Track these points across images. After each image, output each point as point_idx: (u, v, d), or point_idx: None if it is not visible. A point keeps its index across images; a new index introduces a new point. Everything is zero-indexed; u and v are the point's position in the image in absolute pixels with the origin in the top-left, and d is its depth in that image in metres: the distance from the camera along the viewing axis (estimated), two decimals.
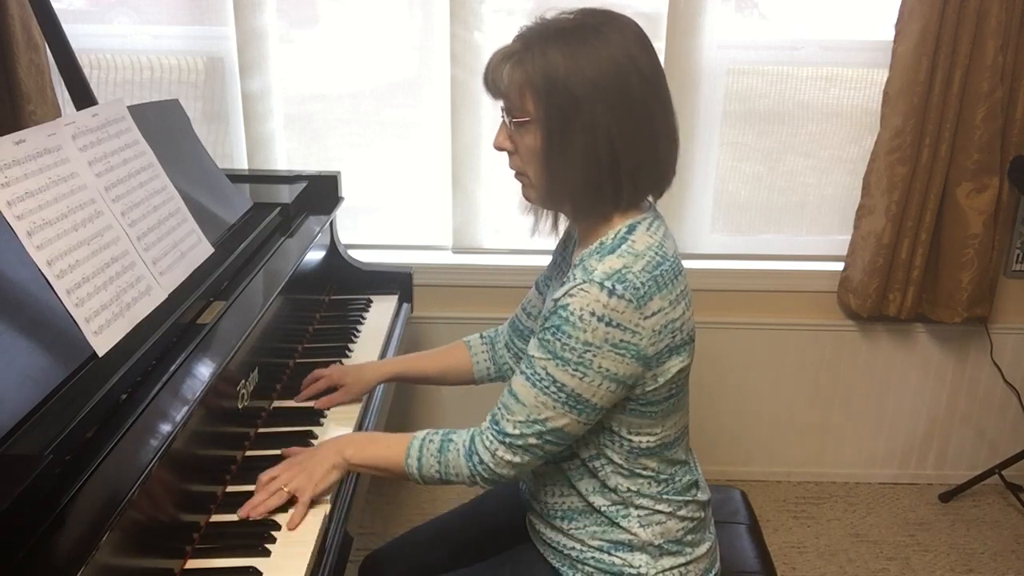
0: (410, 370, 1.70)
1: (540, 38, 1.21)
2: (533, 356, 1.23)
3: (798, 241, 2.63)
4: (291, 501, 1.32)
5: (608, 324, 1.17)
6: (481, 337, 1.67)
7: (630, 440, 1.30)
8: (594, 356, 1.18)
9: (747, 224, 2.62)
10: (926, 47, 2.23)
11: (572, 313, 1.18)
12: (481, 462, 1.27)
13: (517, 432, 1.24)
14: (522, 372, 1.24)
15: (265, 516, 1.30)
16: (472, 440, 1.29)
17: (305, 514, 1.31)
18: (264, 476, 1.35)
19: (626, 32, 1.22)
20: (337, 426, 1.59)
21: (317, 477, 1.33)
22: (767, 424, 2.72)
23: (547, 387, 1.21)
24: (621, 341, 1.18)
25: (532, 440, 1.24)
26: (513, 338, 1.61)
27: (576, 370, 1.19)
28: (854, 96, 2.48)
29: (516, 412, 1.24)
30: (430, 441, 1.33)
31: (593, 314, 1.17)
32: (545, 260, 1.57)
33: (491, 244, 2.59)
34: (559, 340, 1.19)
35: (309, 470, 1.34)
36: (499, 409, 1.27)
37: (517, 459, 1.26)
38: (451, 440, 1.32)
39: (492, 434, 1.27)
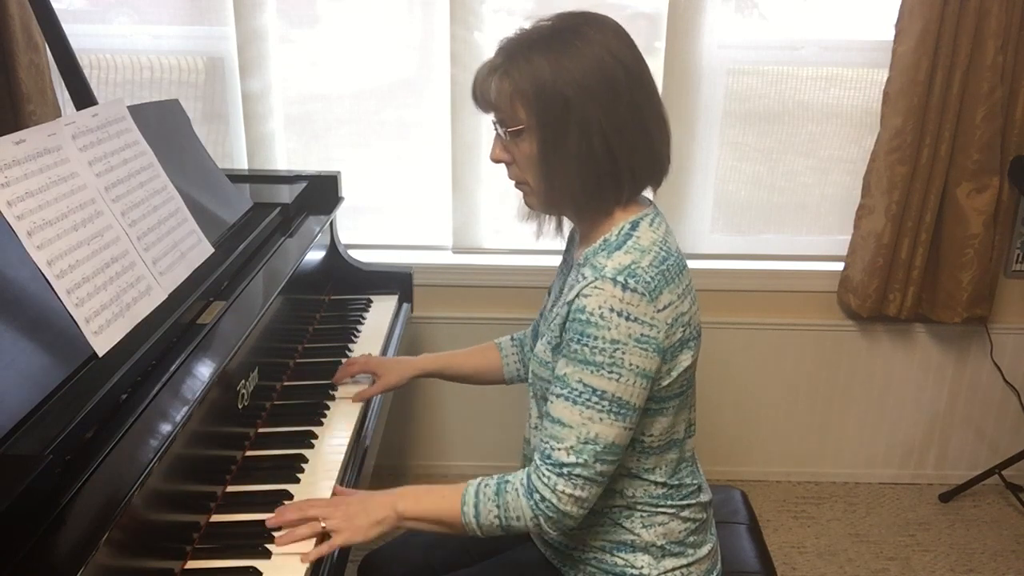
0: (445, 368, 1.70)
1: (522, 47, 1.22)
2: (565, 373, 1.21)
3: (798, 241, 2.63)
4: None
5: (627, 319, 1.17)
6: (512, 339, 1.68)
7: (642, 441, 1.29)
8: (623, 354, 1.18)
9: (747, 224, 2.62)
10: (926, 47, 2.23)
11: (592, 314, 1.18)
12: (543, 499, 1.21)
13: (572, 460, 1.20)
14: (558, 395, 1.21)
15: (288, 543, 1.25)
16: (529, 478, 1.24)
17: (325, 554, 1.25)
18: (309, 501, 1.32)
19: (605, 30, 1.23)
20: (341, 420, 1.59)
21: (356, 527, 1.27)
22: (767, 424, 2.72)
23: (588, 399, 1.19)
24: (643, 335, 1.18)
25: (591, 463, 1.20)
26: (534, 344, 1.61)
27: (611, 372, 1.18)
28: (854, 96, 2.48)
29: (565, 437, 1.20)
30: (485, 486, 1.27)
31: (612, 310, 1.17)
32: (546, 260, 1.58)
33: (491, 244, 2.59)
34: (586, 346, 1.18)
35: (352, 516, 1.28)
36: (547, 442, 1.22)
37: (579, 492, 1.21)
38: (507, 480, 1.26)
39: (547, 469, 1.21)
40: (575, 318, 1.19)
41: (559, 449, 1.20)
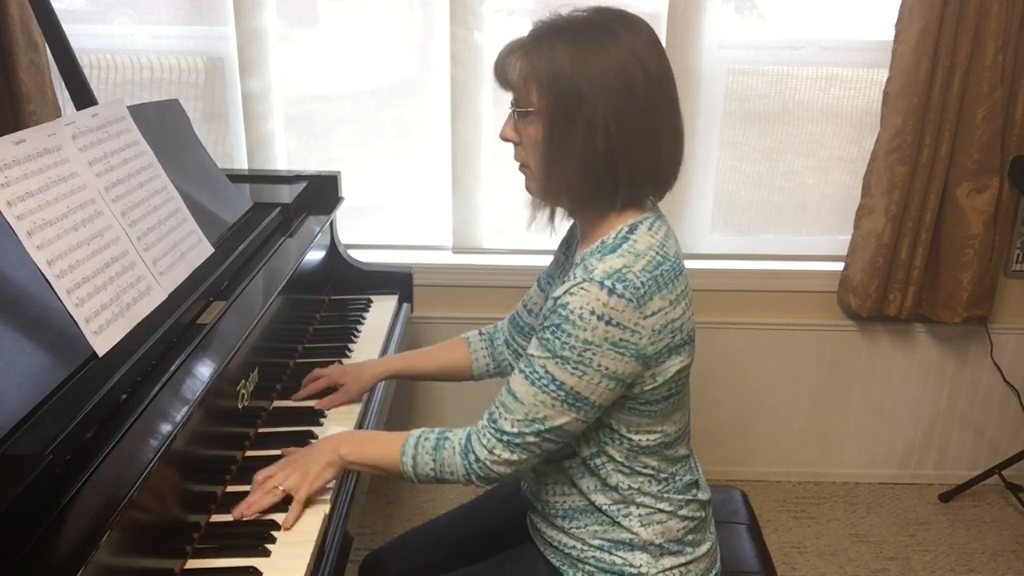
0: (409, 368, 1.70)
1: (551, 33, 1.23)
2: (532, 355, 1.23)
3: (798, 241, 2.63)
4: (287, 500, 1.32)
5: (608, 323, 1.18)
6: (480, 334, 1.68)
7: (630, 439, 1.30)
8: (593, 355, 1.19)
9: (747, 224, 2.62)
10: (926, 47, 2.23)
11: (572, 312, 1.18)
12: (477, 460, 1.27)
13: (515, 431, 1.24)
14: (521, 371, 1.25)
15: (258, 515, 1.30)
16: (468, 438, 1.29)
17: (300, 513, 1.31)
18: (259, 475, 1.36)
19: (637, 32, 1.22)
20: (338, 426, 1.59)
21: (312, 475, 1.33)
22: (767, 424, 2.72)
23: (546, 385, 1.21)
24: (621, 340, 1.19)
25: (530, 439, 1.24)
26: (513, 334, 1.62)
27: (576, 368, 1.19)
28: (854, 96, 2.48)
29: (514, 411, 1.24)
30: (425, 439, 1.32)
31: (593, 312, 1.17)
32: (545, 260, 1.58)
33: (491, 244, 2.59)
34: (558, 339, 1.19)
35: (303, 468, 1.34)
36: (497, 408, 1.27)
37: (515, 457, 1.26)
38: (447, 438, 1.31)
39: (490, 432, 1.26)
40: (555, 311, 1.20)
41: (505, 418, 1.25)
